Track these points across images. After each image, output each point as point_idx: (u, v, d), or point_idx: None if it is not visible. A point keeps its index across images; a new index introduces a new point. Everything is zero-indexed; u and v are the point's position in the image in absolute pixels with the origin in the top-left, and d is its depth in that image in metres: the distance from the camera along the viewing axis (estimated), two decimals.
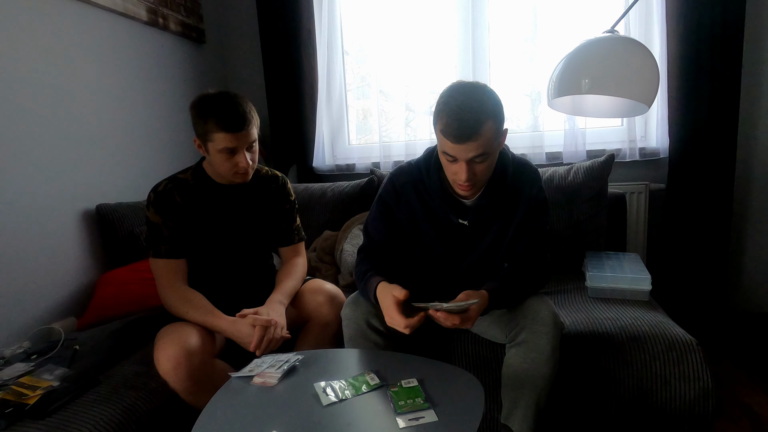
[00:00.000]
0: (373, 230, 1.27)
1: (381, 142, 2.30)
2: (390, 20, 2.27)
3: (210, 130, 1.19)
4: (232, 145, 1.20)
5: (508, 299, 1.15)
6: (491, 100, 1.04)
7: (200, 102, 1.22)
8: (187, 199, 1.29)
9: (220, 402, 0.94)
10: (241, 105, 1.21)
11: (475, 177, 1.07)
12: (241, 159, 1.22)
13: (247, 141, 1.23)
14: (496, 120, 1.03)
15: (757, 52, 1.88)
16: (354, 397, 0.91)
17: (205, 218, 1.30)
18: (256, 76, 2.47)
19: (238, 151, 1.22)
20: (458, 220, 1.19)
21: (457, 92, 1.04)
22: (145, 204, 1.29)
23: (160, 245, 1.26)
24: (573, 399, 1.24)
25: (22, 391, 1.04)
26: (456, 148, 1.03)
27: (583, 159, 2.02)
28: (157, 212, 1.26)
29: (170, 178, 1.30)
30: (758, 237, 2.00)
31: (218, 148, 1.20)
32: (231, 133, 1.19)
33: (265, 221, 1.40)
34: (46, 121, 1.55)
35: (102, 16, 1.78)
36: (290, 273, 1.41)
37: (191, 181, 1.31)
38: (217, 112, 1.18)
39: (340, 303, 1.33)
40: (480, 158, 1.04)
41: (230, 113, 1.19)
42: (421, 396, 0.88)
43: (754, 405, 1.51)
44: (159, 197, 1.26)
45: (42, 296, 1.51)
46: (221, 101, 1.20)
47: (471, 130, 1.00)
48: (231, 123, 1.18)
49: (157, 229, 1.26)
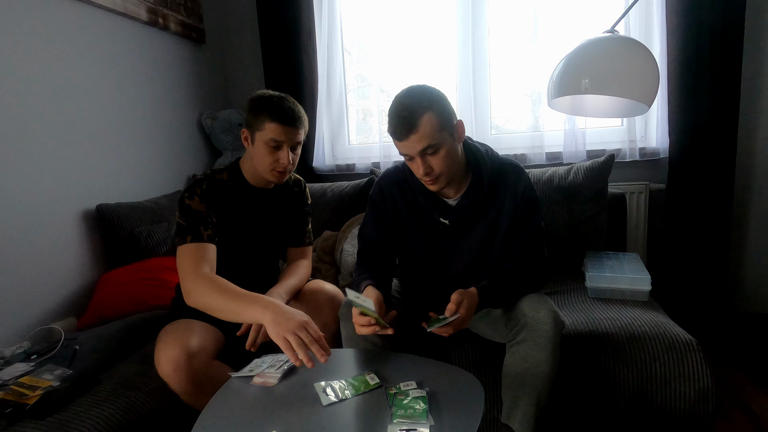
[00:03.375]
0: (366, 234, 1.30)
1: (381, 142, 2.30)
2: (390, 20, 2.27)
3: (263, 120, 1.22)
4: (280, 137, 1.22)
5: (502, 297, 1.15)
6: (428, 94, 1.09)
7: (260, 97, 1.27)
8: (223, 200, 1.30)
9: (220, 402, 0.94)
10: (297, 106, 1.27)
11: (433, 170, 1.10)
12: (283, 155, 1.24)
13: (294, 139, 1.26)
14: (436, 112, 1.07)
15: (757, 52, 1.88)
16: (354, 397, 0.91)
17: (235, 219, 1.31)
18: (256, 76, 2.47)
19: (283, 147, 1.24)
20: (440, 219, 1.21)
21: (397, 96, 1.11)
22: (184, 195, 1.25)
23: (202, 229, 1.23)
24: (573, 399, 1.24)
25: (22, 391, 1.04)
26: (402, 145, 1.09)
27: (583, 159, 2.02)
28: (202, 201, 1.25)
29: (209, 179, 1.29)
30: (758, 237, 2.00)
31: (266, 139, 1.23)
32: (282, 125, 1.22)
33: (285, 224, 1.43)
34: (46, 121, 1.55)
35: (102, 16, 1.78)
36: (294, 272, 1.42)
37: (228, 182, 1.32)
38: (274, 106, 1.23)
39: (339, 303, 1.33)
40: (430, 150, 1.08)
41: (286, 108, 1.24)
42: (423, 404, 0.86)
43: (754, 405, 1.51)
44: (205, 192, 1.26)
45: (42, 296, 1.51)
46: (280, 98, 1.26)
47: (409, 125, 1.05)
48: (285, 116, 1.23)
49: (200, 215, 1.24)
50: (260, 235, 1.37)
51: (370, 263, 1.26)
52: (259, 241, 1.38)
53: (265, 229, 1.38)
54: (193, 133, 2.32)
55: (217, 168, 1.37)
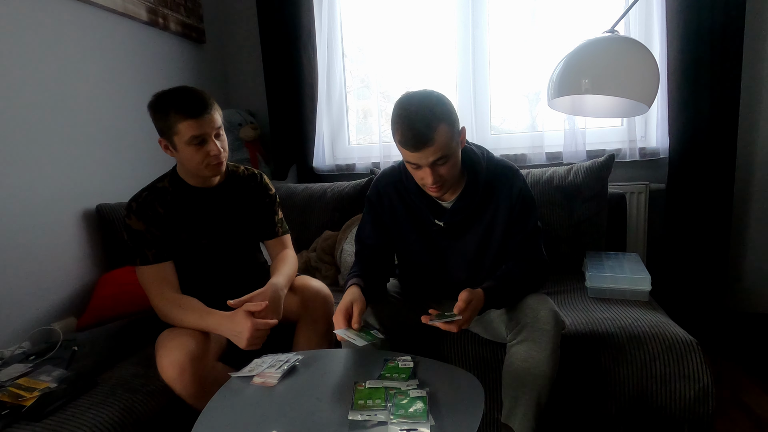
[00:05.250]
0: (364, 235, 1.30)
1: (381, 142, 2.30)
2: (390, 20, 2.27)
3: (173, 123, 1.16)
4: (198, 132, 1.17)
5: (505, 298, 1.16)
6: (440, 104, 1.07)
7: (157, 98, 1.19)
8: (168, 209, 1.27)
9: (220, 402, 0.94)
10: (199, 92, 1.19)
11: (441, 178, 1.10)
12: (211, 147, 1.19)
13: (213, 126, 1.19)
14: (448, 122, 1.06)
15: (757, 52, 1.88)
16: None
17: (188, 224, 1.29)
18: (256, 76, 2.47)
19: (207, 139, 1.19)
20: (435, 221, 1.21)
21: (407, 103, 1.07)
22: (123, 214, 1.25)
23: (146, 251, 1.23)
24: (573, 399, 1.24)
25: (19, 393, 1.04)
26: (415, 156, 1.07)
27: (583, 159, 2.02)
28: (140, 219, 1.23)
29: (149, 189, 1.28)
30: (758, 237, 2.00)
31: (185, 139, 1.17)
32: (194, 118, 1.15)
33: (246, 218, 1.39)
34: (46, 121, 1.55)
35: (102, 16, 1.78)
36: (283, 261, 1.40)
37: (170, 188, 1.29)
38: (177, 102, 1.16)
39: (325, 298, 1.36)
40: (441, 161, 1.07)
41: (190, 99, 1.16)
42: (423, 404, 0.86)
43: (754, 405, 1.51)
44: (141, 207, 1.24)
45: (42, 296, 1.51)
46: (178, 92, 1.19)
47: (425, 137, 1.03)
48: (192, 108, 1.15)
49: (141, 236, 1.23)
50: (220, 234, 1.34)
51: (366, 264, 1.26)
52: (221, 240, 1.34)
53: (223, 227, 1.34)
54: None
55: (160, 176, 1.33)
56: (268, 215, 1.45)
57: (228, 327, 1.16)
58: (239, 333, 1.14)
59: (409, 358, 1.04)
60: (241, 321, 1.14)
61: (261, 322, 1.14)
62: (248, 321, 1.13)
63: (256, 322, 1.13)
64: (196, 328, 1.20)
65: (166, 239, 1.26)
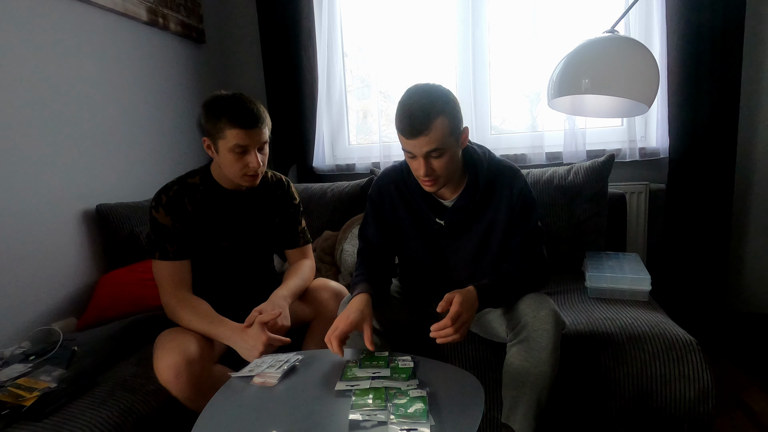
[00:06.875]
0: (367, 233, 1.30)
1: (381, 142, 2.30)
2: (390, 20, 2.27)
3: (222, 128, 1.18)
4: (244, 142, 1.18)
5: (501, 297, 1.15)
6: (443, 97, 1.07)
7: (213, 100, 1.21)
8: (197, 206, 1.27)
9: (220, 402, 0.94)
10: (255, 104, 1.22)
11: (434, 172, 1.10)
12: (252, 159, 1.21)
13: (259, 140, 1.22)
14: (448, 116, 1.06)
15: (757, 52, 1.88)
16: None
17: (213, 225, 1.29)
18: (256, 76, 2.47)
19: (250, 151, 1.20)
20: (436, 219, 1.22)
21: (411, 92, 1.09)
22: (151, 204, 1.25)
23: (168, 246, 1.23)
24: (573, 399, 1.24)
25: (19, 393, 1.04)
26: (410, 143, 1.07)
27: (583, 159, 2.02)
28: (167, 214, 1.23)
29: (180, 183, 1.27)
30: (758, 237, 2.00)
31: (230, 146, 1.18)
32: (244, 129, 1.17)
33: (270, 226, 1.40)
34: (46, 121, 1.55)
35: (102, 16, 1.78)
36: (296, 272, 1.40)
37: (200, 186, 1.29)
38: (231, 109, 1.18)
39: None
40: (435, 153, 1.07)
41: (244, 110, 1.18)
42: (423, 404, 0.86)
43: (753, 405, 1.51)
44: (171, 201, 1.24)
45: (42, 296, 1.51)
46: (235, 99, 1.20)
47: (422, 125, 1.04)
48: (245, 119, 1.17)
49: (166, 230, 1.23)
50: (242, 238, 1.34)
51: (370, 262, 1.26)
52: (242, 244, 1.34)
53: (247, 231, 1.35)
54: (193, 133, 2.32)
55: (191, 171, 1.33)
56: (292, 224, 1.46)
57: (239, 340, 1.15)
58: (252, 347, 1.12)
59: (409, 358, 1.04)
60: (256, 334, 1.13)
61: (276, 338, 1.14)
62: (264, 335, 1.12)
63: (271, 337, 1.13)
64: (203, 334, 1.19)
65: (188, 237, 1.26)
